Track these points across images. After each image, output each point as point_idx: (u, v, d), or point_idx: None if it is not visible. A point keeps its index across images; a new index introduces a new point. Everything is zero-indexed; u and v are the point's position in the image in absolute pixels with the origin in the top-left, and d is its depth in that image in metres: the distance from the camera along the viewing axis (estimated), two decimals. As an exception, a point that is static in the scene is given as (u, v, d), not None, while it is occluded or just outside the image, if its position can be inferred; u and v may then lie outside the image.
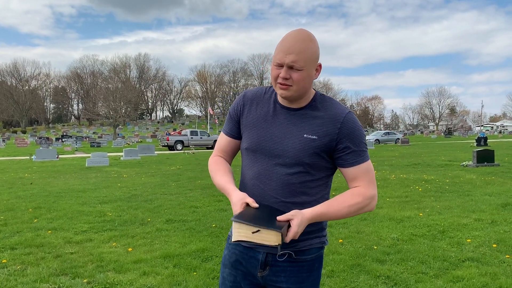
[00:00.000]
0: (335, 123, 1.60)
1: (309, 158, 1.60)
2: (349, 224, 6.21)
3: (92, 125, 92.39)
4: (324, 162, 1.64)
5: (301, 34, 1.56)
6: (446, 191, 9.32)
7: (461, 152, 23.89)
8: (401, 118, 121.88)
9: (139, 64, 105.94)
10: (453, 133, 74.47)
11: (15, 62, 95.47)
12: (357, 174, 1.64)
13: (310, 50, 1.55)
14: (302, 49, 1.53)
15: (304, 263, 1.67)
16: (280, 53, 1.55)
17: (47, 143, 41.24)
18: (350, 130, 1.60)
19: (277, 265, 1.65)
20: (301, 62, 1.52)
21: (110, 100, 58.58)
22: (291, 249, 1.63)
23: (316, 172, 1.65)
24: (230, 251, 1.76)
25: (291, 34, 1.57)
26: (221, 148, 1.82)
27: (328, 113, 1.62)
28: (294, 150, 1.60)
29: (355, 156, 1.62)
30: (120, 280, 4.03)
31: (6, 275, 4.17)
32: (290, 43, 1.54)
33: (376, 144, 39.32)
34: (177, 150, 32.81)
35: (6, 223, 6.50)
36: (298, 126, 1.62)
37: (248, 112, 1.73)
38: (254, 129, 1.69)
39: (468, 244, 5.09)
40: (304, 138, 1.60)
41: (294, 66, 1.53)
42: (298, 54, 1.52)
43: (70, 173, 14.89)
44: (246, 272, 1.72)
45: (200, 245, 5.14)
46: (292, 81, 1.55)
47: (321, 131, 1.60)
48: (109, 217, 6.93)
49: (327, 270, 4.24)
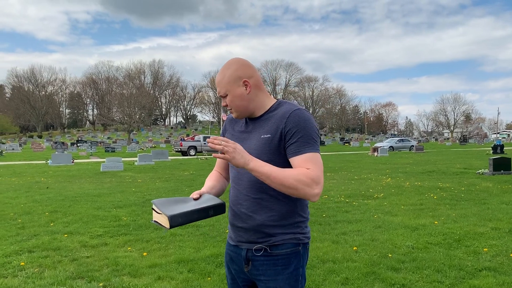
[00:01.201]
0: (282, 118, 1.78)
1: (268, 156, 1.76)
2: (363, 231, 6.18)
3: (107, 130, 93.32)
4: (283, 158, 1.78)
5: (221, 67, 1.88)
6: (462, 199, 9.21)
7: (476, 159, 23.58)
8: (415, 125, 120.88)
9: (153, 70, 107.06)
10: (468, 140, 73.52)
11: (32, 68, 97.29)
12: (300, 163, 1.72)
13: (227, 75, 1.82)
14: (220, 79, 1.83)
15: (279, 257, 1.80)
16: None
17: (62, 148, 41.78)
18: (295, 123, 1.74)
19: (256, 259, 1.82)
20: (222, 89, 1.82)
21: (124, 105, 59.16)
22: (265, 244, 1.80)
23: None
24: (226, 250, 2.00)
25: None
26: (217, 165, 2.12)
27: (279, 113, 1.81)
28: (254, 150, 1.79)
29: (299, 146, 1.74)
30: (136, 284, 4.07)
31: (25, 278, 4.24)
32: (216, 81, 1.86)
33: (390, 151, 39.00)
34: (190, 156, 32.97)
35: (24, 226, 6.61)
36: (257, 131, 1.85)
37: (229, 131, 2.01)
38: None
39: (484, 253, 5.02)
40: (261, 139, 1.80)
41: (221, 94, 1.85)
42: (219, 85, 1.84)
43: (85, 177, 15.07)
44: (238, 269, 1.91)
45: (214, 251, 5.17)
46: (230, 104, 1.85)
47: (273, 128, 1.79)
48: (124, 221, 7.00)
49: (342, 277, 4.22)
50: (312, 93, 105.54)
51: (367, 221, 6.88)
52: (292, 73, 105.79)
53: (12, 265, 4.66)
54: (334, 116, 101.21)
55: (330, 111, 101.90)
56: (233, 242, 1.91)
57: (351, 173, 15.95)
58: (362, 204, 8.72)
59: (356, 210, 7.94)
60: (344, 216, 7.34)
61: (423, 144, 53.87)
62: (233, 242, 1.91)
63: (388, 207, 8.31)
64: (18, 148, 43.98)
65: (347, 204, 8.65)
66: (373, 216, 7.33)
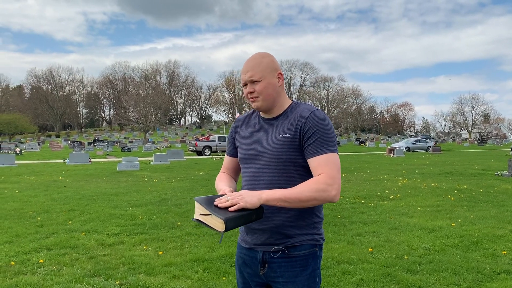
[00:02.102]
0: (302, 118, 1.79)
1: (287, 155, 1.78)
2: (379, 233, 6.13)
3: (123, 130, 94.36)
4: (301, 158, 1.79)
5: (253, 56, 1.86)
6: (480, 201, 9.07)
7: (495, 161, 23.18)
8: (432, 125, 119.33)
9: (169, 71, 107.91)
10: (487, 141, 72.30)
11: (50, 69, 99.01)
12: (318, 164, 1.74)
13: (264, 63, 1.82)
14: (256, 64, 1.81)
15: (297, 258, 1.79)
16: (241, 75, 1.85)
17: (79, 147, 42.40)
18: (314, 123, 1.76)
19: (273, 261, 1.80)
20: (257, 74, 1.79)
21: (141, 105, 59.79)
22: (283, 245, 1.79)
23: (297, 169, 1.80)
24: (237, 254, 1.96)
25: (246, 60, 1.87)
26: (225, 166, 2.09)
27: (298, 113, 1.82)
28: (273, 150, 1.79)
29: (317, 147, 1.75)
30: (151, 282, 4.11)
31: (43, 275, 4.32)
32: (245, 65, 1.84)
33: (407, 151, 38.58)
34: (205, 156, 33.13)
35: (42, 225, 6.72)
36: (274, 130, 1.84)
37: (240, 131, 1.99)
38: (243, 142, 1.94)
39: (503, 256, 4.94)
40: (279, 138, 1.80)
41: (253, 79, 1.80)
42: (252, 69, 1.80)
43: (102, 176, 15.26)
44: (252, 273, 1.89)
45: (229, 250, 5.18)
46: (257, 93, 1.81)
47: (292, 128, 1.79)
48: (140, 220, 7.07)
49: (357, 278, 4.20)
50: (327, 93, 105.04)
51: (383, 222, 6.83)
52: (307, 73, 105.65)
53: (31, 262, 4.75)
54: (349, 117, 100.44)
55: (346, 111, 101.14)
56: (248, 245, 1.88)
57: (366, 174, 15.83)
58: (378, 205, 8.65)
59: (371, 211, 7.88)
60: (360, 217, 7.29)
61: (441, 145, 53.16)
62: (247, 245, 1.89)
63: (404, 208, 8.23)
64: (37, 148, 44.76)
65: (363, 205, 8.59)
66: (389, 218, 7.26)
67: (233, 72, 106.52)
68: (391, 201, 9.16)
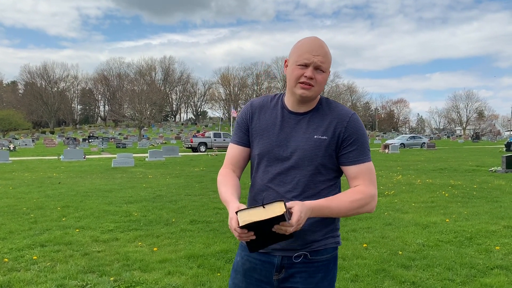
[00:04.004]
0: (342, 122, 1.67)
1: (321, 158, 1.66)
2: (373, 229, 6.15)
3: (118, 126, 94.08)
4: (334, 162, 1.70)
5: (321, 41, 1.66)
6: (474, 197, 9.12)
7: (489, 157, 23.31)
8: (427, 122, 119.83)
9: (164, 67, 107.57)
10: (481, 137, 72.65)
11: (44, 65, 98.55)
12: (359, 173, 1.68)
13: (330, 55, 1.67)
14: (327, 53, 1.64)
15: (319, 263, 1.70)
16: (306, 54, 1.61)
17: (74, 144, 42.21)
18: (355, 129, 1.67)
19: (293, 267, 1.68)
20: (326, 64, 1.63)
21: (135, 102, 59.56)
22: (307, 250, 1.67)
23: (327, 173, 1.70)
24: (243, 258, 1.78)
25: (313, 39, 1.65)
26: (231, 160, 1.81)
27: (335, 114, 1.69)
28: (307, 152, 1.65)
29: (358, 155, 1.68)
30: (146, 279, 4.10)
31: (37, 271, 4.30)
32: (316, 46, 1.62)
33: (401, 148, 38.71)
34: (200, 152, 33.10)
35: (36, 221, 6.69)
36: (308, 129, 1.68)
37: (257, 120, 1.77)
38: (264, 135, 1.74)
39: (496, 252, 4.97)
40: (315, 139, 1.66)
41: (321, 67, 1.62)
42: (324, 56, 1.62)
43: (96, 173, 15.21)
44: (260, 279, 1.73)
45: (223, 246, 5.18)
46: (315, 81, 1.62)
47: (329, 131, 1.66)
48: (134, 217, 7.05)
49: (351, 274, 4.21)
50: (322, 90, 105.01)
51: (377, 218, 6.85)
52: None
53: (25, 258, 4.72)
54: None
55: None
56: (263, 250, 1.70)
57: (361, 170, 15.85)
58: (373, 201, 8.66)
59: (366, 207, 7.89)
60: (354, 213, 7.29)
61: (435, 142, 53.39)
62: (262, 249, 1.70)
63: (398, 204, 8.26)
64: (31, 144, 44.55)
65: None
66: (384, 213, 7.29)
67: (229, 68, 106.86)
68: (385, 197, 9.19)
